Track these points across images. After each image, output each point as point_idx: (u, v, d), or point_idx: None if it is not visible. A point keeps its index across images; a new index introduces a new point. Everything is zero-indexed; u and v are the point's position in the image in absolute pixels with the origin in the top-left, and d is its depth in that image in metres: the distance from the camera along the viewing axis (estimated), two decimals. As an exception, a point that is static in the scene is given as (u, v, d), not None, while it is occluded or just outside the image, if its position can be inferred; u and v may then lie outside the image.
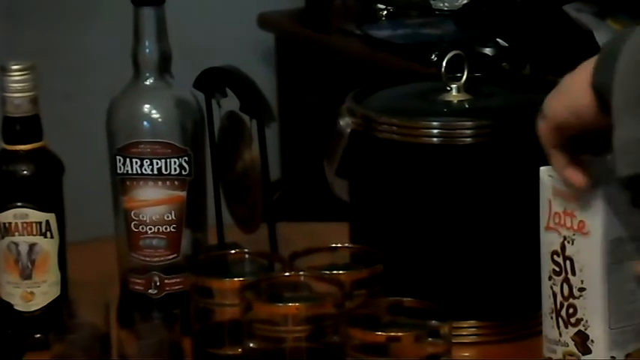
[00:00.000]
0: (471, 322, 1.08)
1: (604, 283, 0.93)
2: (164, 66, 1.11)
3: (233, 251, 1.09)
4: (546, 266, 0.98)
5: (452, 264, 1.08)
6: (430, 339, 0.90)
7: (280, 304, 0.95)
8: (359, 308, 0.95)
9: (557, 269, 0.96)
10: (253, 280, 0.99)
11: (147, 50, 1.10)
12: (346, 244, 1.08)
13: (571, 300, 0.96)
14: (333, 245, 1.06)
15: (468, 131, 1.08)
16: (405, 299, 0.96)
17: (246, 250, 1.08)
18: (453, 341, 0.95)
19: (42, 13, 2.39)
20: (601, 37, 1.88)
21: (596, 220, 0.93)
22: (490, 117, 1.09)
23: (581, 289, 0.95)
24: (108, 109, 1.12)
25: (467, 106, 1.12)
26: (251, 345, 0.95)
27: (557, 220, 0.96)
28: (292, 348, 0.94)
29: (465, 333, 1.08)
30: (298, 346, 0.94)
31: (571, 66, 0.95)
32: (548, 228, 0.97)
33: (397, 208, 1.10)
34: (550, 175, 0.97)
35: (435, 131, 1.08)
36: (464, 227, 1.08)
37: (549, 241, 0.97)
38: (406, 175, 1.09)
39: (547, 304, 0.98)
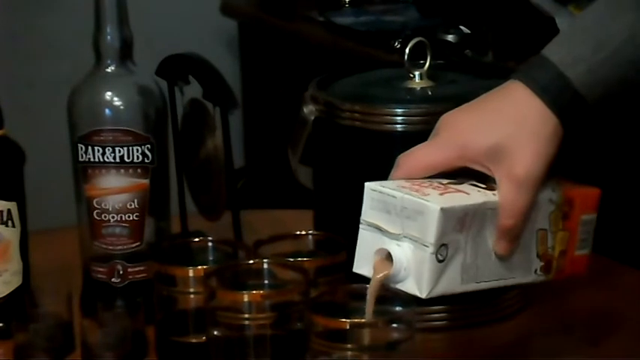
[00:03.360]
0: (439, 306, 1.08)
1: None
2: (126, 53, 1.10)
3: (197, 239, 1.08)
4: None
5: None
6: (394, 325, 0.90)
7: (244, 292, 0.95)
8: (323, 295, 0.95)
9: None
10: (217, 268, 0.99)
11: (108, 37, 1.09)
12: (310, 232, 1.08)
13: None
14: (297, 233, 1.06)
15: (431, 118, 1.08)
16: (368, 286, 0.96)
17: (209, 237, 1.08)
18: (423, 326, 0.95)
19: None
20: (562, 23, 1.88)
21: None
22: (453, 104, 1.09)
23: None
24: (69, 97, 1.12)
25: (430, 93, 1.12)
26: (215, 333, 0.95)
27: None
28: (256, 335, 0.94)
29: (434, 318, 1.08)
30: (262, 333, 0.94)
31: (533, 51, 0.96)
32: None
33: (361, 196, 1.10)
34: (374, 190, 0.91)
35: (398, 118, 1.08)
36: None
37: None
38: (369, 162, 1.09)
39: None
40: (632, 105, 1.59)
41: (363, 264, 0.90)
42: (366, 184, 0.91)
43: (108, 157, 1.09)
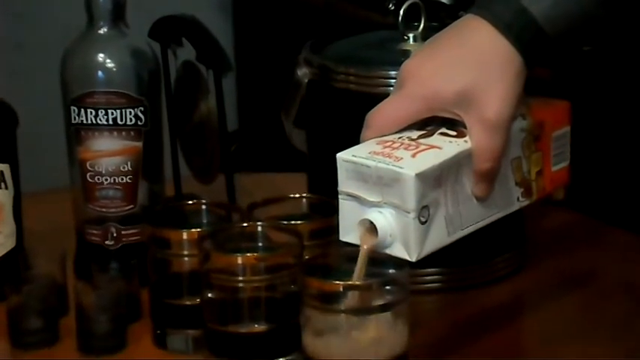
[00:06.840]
0: (434, 269, 1.09)
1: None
2: (118, 14, 1.09)
3: (190, 202, 1.08)
4: None
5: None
6: (388, 287, 0.90)
7: (238, 254, 0.95)
8: (317, 258, 0.95)
9: None
10: (211, 231, 0.99)
11: (101, -1, 1.09)
12: (304, 195, 1.08)
13: None
14: (291, 196, 1.06)
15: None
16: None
17: (203, 200, 1.08)
18: (417, 289, 0.95)
19: (-7, -39, 2.35)
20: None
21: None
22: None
23: None
24: (61, 59, 1.11)
25: (424, 55, 1.12)
26: (209, 295, 0.95)
27: None
28: (250, 298, 0.94)
29: (427, 280, 1.09)
30: (256, 295, 0.94)
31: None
32: None
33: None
34: (346, 161, 0.89)
35: (392, 81, 1.07)
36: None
37: None
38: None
39: None
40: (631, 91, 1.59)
41: (348, 231, 0.90)
42: (338, 155, 0.89)
43: (101, 120, 1.09)
